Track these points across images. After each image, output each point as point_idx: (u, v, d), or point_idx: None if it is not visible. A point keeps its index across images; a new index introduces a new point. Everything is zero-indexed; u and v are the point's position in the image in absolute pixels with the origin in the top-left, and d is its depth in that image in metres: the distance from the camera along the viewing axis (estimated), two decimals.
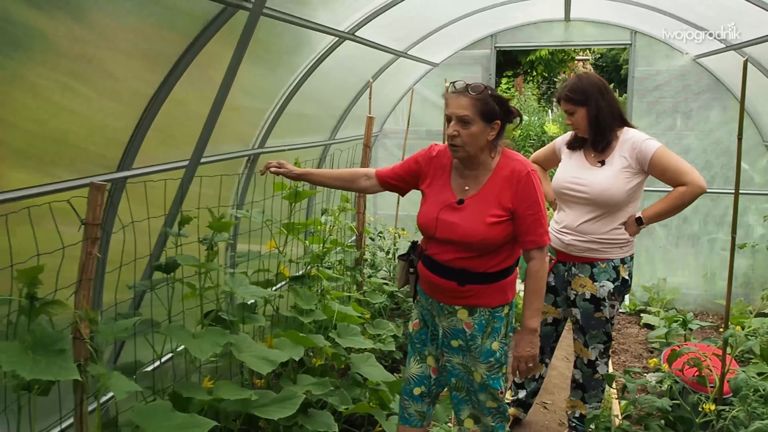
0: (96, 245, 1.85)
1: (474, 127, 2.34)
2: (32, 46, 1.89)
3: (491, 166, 2.44)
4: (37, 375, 1.56)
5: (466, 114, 2.32)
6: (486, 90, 2.35)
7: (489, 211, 2.41)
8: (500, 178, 2.42)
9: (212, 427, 2.03)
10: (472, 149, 2.39)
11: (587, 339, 3.19)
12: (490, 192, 2.43)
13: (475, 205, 2.43)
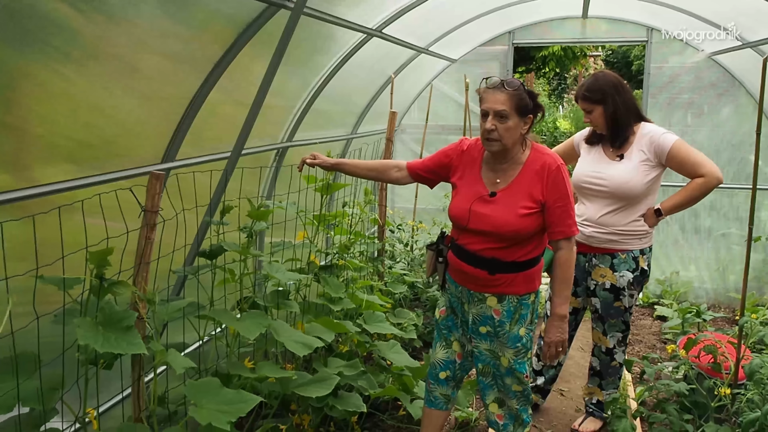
0: (154, 231, 1.98)
1: (510, 122, 2.44)
2: (84, 50, 2.02)
3: (522, 159, 2.55)
4: (108, 349, 1.69)
5: (504, 109, 2.42)
6: (521, 86, 2.45)
7: (521, 203, 2.52)
8: (531, 172, 2.53)
9: (254, 405, 2.17)
10: (508, 142, 2.49)
11: (606, 328, 3.30)
12: (521, 185, 2.54)
13: (507, 197, 2.54)
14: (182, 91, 2.61)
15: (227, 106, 3.01)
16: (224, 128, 3.09)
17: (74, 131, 2.15)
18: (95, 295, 1.83)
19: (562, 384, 4.20)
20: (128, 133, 2.46)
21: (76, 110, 2.12)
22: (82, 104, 2.13)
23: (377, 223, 4.55)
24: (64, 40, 1.89)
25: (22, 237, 1.84)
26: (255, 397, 2.16)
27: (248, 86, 2.97)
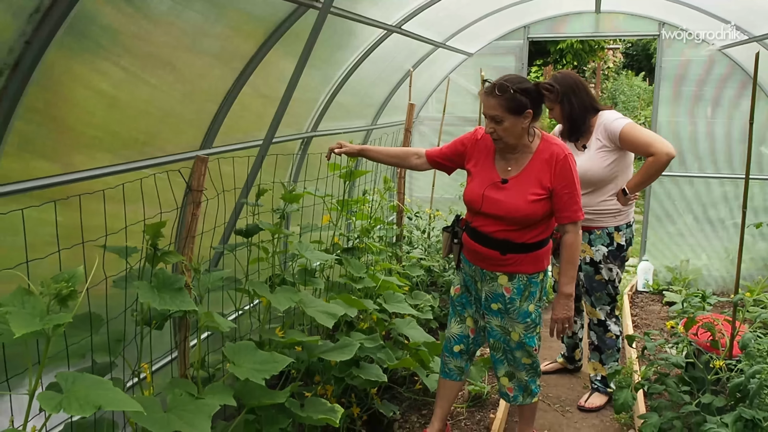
0: (199, 208, 2.24)
1: (506, 123, 2.66)
2: (126, 49, 2.25)
3: (532, 149, 2.76)
4: (163, 306, 1.95)
5: (496, 114, 2.65)
6: (510, 89, 2.62)
7: (530, 190, 2.73)
8: (540, 161, 2.74)
9: (285, 365, 2.42)
10: (510, 139, 2.72)
11: (593, 300, 3.66)
12: (531, 173, 2.75)
13: (517, 184, 2.76)
14: (218, 86, 2.86)
15: (257, 99, 3.25)
16: (253, 120, 3.34)
17: (119, 122, 2.39)
18: (149, 262, 2.08)
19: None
20: (169, 124, 2.71)
21: (121, 104, 2.35)
22: (126, 98, 2.36)
23: (396, 210, 4.78)
24: (110, 40, 2.10)
25: (67, 221, 2.08)
26: (286, 358, 2.41)
27: (276, 81, 3.22)
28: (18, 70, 1.73)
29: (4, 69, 1.71)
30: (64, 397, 1.42)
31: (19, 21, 1.66)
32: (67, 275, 1.47)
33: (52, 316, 1.41)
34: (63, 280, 1.44)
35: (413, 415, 3.66)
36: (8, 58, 1.70)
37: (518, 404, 3.11)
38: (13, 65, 1.72)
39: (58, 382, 1.48)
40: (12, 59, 1.71)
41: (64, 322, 1.39)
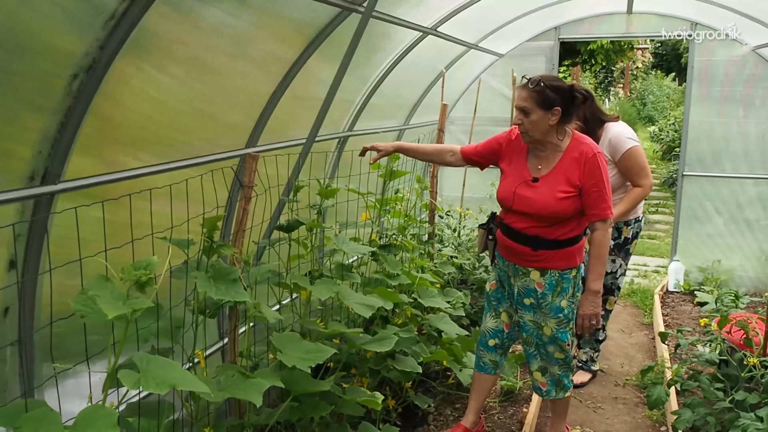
0: (249, 203, 2.35)
1: (533, 116, 2.74)
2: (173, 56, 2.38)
3: (562, 147, 2.83)
4: (219, 296, 2.07)
5: (526, 105, 2.74)
6: (541, 83, 2.72)
7: (559, 188, 2.80)
8: (570, 159, 2.81)
9: (329, 355, 2.52)
10: (536, 134, 2.80)
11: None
12: (560, 171, 2.82)
13: (547, 182, 2.83)
14: (262, 89, 2.98)
15: (297, 101, 3.36)
16: (294, 121, 3.45)
17: (168, 124, 2.52)
18: (206, 254, 2.20)
19: (602, 362, 4.46)
20: (215, 126, 2.84)
21: (170, 107, 2.47)
22: (176, 102, 2.49)
23: (428, 208, 4.86)
24: (162, 47, 2.22)
25: (113, 218, 2.20)
26: (329, 348, 2.52)
27: (314, 84, 3.34)
28: (92, 75, 1.86)
29: (79, 72, 1.84)
30: (141, 376, 1.54)
31: (96, 26, 1.79)
32: (144, 263, 1.59)
33: (134, 300, 1.53)
34: (141, 268, 1.55)
35: (447, 408, 3.74)
36: (84, 62, 1.83)
37: (551, 399, 3.17)
38: (87, 68, 1.85)
39: (135, 362, 1.60)
40: (87, 62, 1.84)
41: (143, 307, 1.51)
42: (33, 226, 2.04)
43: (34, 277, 2.09)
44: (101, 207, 2.03)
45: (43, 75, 1.80)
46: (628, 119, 18.21)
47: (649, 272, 6.88)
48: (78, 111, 1.92)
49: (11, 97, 1.76)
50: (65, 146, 1.96)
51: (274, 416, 2.55)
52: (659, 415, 3.69)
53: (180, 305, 2.31)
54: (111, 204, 2.08)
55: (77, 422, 1.42)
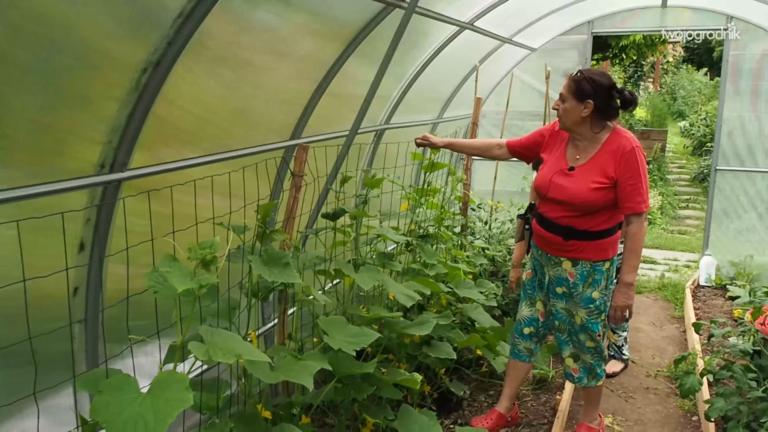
0: (300, 192, 2.46)
1: (567, 103, 2.85)
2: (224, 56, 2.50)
3: (600, 140, 2.90)
4: (274, 278, 2.18)
5: (563, 92, 2.87)
6: (579, 74, 2.84)
7: (593, 178, 2.86)
8: (607, 151, 2.87)
9: (373, 339, 2.63)
10: (567, 121, 2.90)
11: None
12: (597, 162, 2.89)
13: (583, 172, 2.90)
14: (305, 86, 3.10)
15: (337, 97, 3.47)
16: (334, 115, 3.57)
17: (220, 120, 2.65)
18: (259, 239, 2.32)
19: (634, 354, 4.52)
20: (262, 120, 2.97)
21: (221, 104, 2.60)
22: (223, 99, 2.61)
23: (461, 200, 4.95)
24: (213, 47, 2.33)
25: (161, 209, 2.32)
26: (374, 333, 2.62)
27: (353, 80, 3.45)
28: (159, 69, 1.98)
29: (148, 66, 1.97)
30: (209, 347, 1.66)
31: (165, 24, 1.91)
32: (207, 244, 1.71)
33: (201, 277, 1.65)
34: (206, 248, 1.67)
35: (480, 395, 3.83)
36: (152, 57, 1.96)
37: (583, 386, 3.25)
38: (155, 63, 1.97)
39: (201, 335, 1.73)
40: (156, 58, 1.96)
41: (210, 282, 1.63)
42: (101, 211, 2.18)
43: (101, 260, 2.23)
44: (147, 197, 2.15)
45: (117, 68, 1.93)
46: (658, 114, 18.03)
47: (680, 267, 6.88)
48: (144, 103, 2.04)
49: (88, 88, 1.89)
50: (132, 137, 2.09)
51: (319, 396, 2.67)
52: (691, 405, 3.75)
53: (233, 289, 2.43)
54: (159, 195, 2.20)
55: (153, 386, 1.54)
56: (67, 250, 2.06)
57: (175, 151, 2.44)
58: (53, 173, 1.92)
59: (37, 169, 1.88)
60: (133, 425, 1.45)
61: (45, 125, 1.84)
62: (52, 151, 1.92)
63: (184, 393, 1.51)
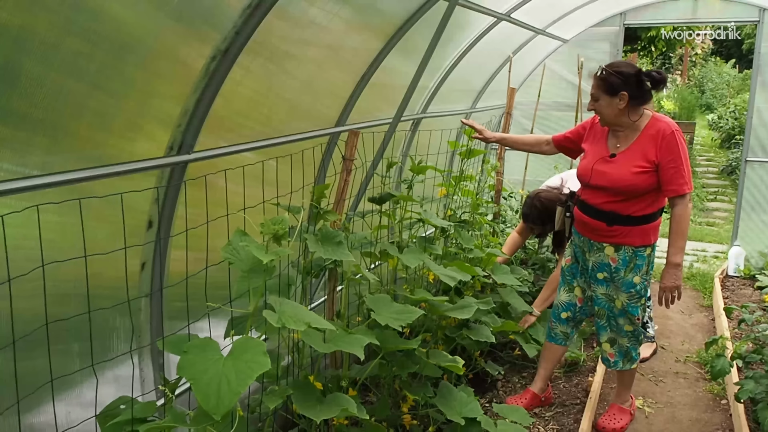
0: (350, 175, 2.59)
1: (601, 101, 2.95)
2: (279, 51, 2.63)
3: (640, 126, 2.98)
4: (328, 255, 2.32)
5: (594, 92, 2.97)
6: (604, 71, 2.92)
7: (635, 163, 2.95)
8: (647, 137, 2.96)
9: (417, 316, 2.75)
10: (608, 118, 2.98)
11: None
12: (637, 148, 2.97)
13: (624, 158, 2.99)
14: (348, 78, 3.24)
15: (375, 88, 3.58)
16: (377, 103, 3.69)
17: (269, 107, 2.79)
18: (314, 219, 2.46)
19: (663, 340, 4.60)
20: (310, 110, 3.11)
21: (272, 93, 2.74)
22: (277, 88, 2.75)
23: (494, 189, 5.05)
24: (272, 42, 2.46)
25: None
26: (417, 310, 2.74)
27: (391, 73, 3.56)
28: (227, 57, 2.12)
29: (217, 54, 2.11)
30: (280, 315, 1.80)
31: (235, 13, 2.05)
32: (278, 220, 1.84)
33: (276, 249, 1.79)
34: (278, 223, 1.81)
35: (514, 376, 3.95)
36: (222, 45, 2.09)
37: (618, 369, 3.34)
38: (224, 51, 2.11)
39: (271, 305, 1.87)
40: (225, 46, 2.10)
41: (285, 254, 1.77)
42: (168, 191, 2.33)
43: (167, 236, 2.39)
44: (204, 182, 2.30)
45: (192, 55, 2.07)
46: (686, 107, 17.88)
47: (708, 257, 6.92)
48: (212, 89, 2.19)
49: (164, 74, 2.03)
50: (199, 121, 2.24)
51: (366, 370, 2.80)
52: (720, 389, 3.83)
53: (286, 266, 2.57)
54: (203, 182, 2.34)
55: (234, 349, 1.68)
56: (136, 227, 2.22)
57: (233, 136, 2.58)
58: (131, 154, 2.07)
59: (125, 147, 2.03)
60: (217, 383, 1.59)
61: (128, 109, 1.99)
62: (133, 133, 2.07)
63: (262, 357, 1.65)
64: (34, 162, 1.80)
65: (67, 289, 2.01)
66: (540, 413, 3.55)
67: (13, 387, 1.71)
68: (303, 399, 2.28)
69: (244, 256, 1.86)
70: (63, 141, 1.88)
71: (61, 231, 1.99)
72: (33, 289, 1.73)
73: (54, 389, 1.79)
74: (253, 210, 2.39)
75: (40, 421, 2.01)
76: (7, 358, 1.69)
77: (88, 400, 2.19)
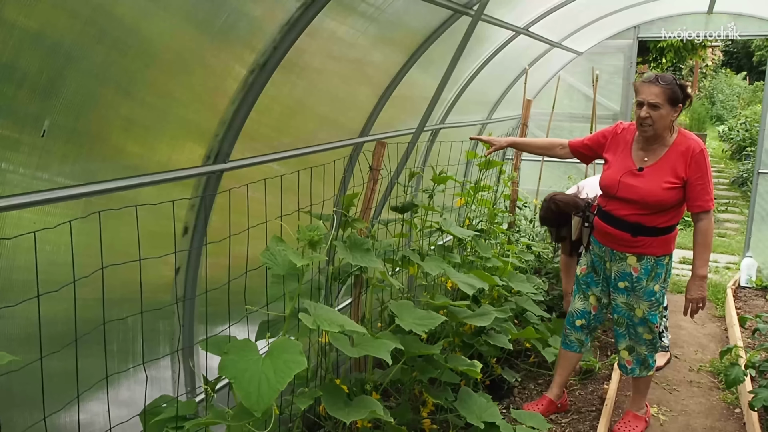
0: (377, 184, 2.68)
1: (662, 110, 2.93)
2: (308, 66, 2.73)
3: (669, 142, 3.03)
4: (357, 262, 2.40)
5: (657, 101, 2.91)
6: (674, 80, 2.94)
7: (665, 179, 3.00)
8: (677, 153, 3.01)
9: (439, 322, 2.83)
10: (659, 128, 2.98)
11: None
12: (667, 163, 3.02)
13: (653, 173, 3.03)
14: (374, 91, 3.34)
15: (397, 101, 3.67)
16: (395, 118, 3.77)
17: (298, 119, 2.89)
18: (342, 227, 2.55)
19: (676, 349, 4.65)
20: (336, 122, 3.21)
21: (300, 105, 2.83)
22: (306, 101, 2.84)
23: (509, 198, 5.13)
24: (304, 57, 2.55)
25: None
26: (440, 316, 2.82)
27: (412, 86, 3.65)
28: (264, 70, 2.22)
29: (255, 68, 2.20)
30: (315, 317, 1.89)
31: (274, 29, 2.15)
32: (313, 227, 1.93)
33: (310, 255, 1.88)
34: (313, 230, 1.90)
35: (530, 383, 4.01)
36: (260, 59, 2.19)
37: (634, 377, 3.40)
38: (262, 65, 2.21)
39: (306, 308, 1.95)
40: (263, 60, 2.20)
41: (320, 259, 1.85)
42: (203, 198, 2.42)
43: (200, 243, 2.48)
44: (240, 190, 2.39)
45: (234, 68, 2.17)
46: (697, 118, 17.90)
47: (720, 268, 6.95)
48: (249, 101, 2.28)
49: (206, 87, 2.13)
50: (235, 131, 2.33)
51: (388, 375, 2.88)
52: (733, 398, 3.87)
53: (315, 272, 2.66)
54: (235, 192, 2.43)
55: (272, 349, 1.77)
56: (171, 234, 2.31)
57: (263, 147, 2.68)
58: (172, 162, 2.17)
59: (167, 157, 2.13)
60: (257, 381, 1.68)
61: (170, 120, 2.08)
62: (178, 140, 2.17)
63: (299, 356, 1.74)
64: (79, 171, 1.89)
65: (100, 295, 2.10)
66: (556, 419, 3.61)
67: (58, 386, 1.80)
68: (332, 401, 2.35)
69: (281, 260, 1.94)
70: (107, 152, 1.97)
71: (99, 238, 2.07)
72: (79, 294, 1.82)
73: (94, 389, 1.88)
74: (285, 218, 2.49)
75: (80, 419, 2.10)
76: (55, 359, 1.78)
77: (123, 399, 2.29)
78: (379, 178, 2.70)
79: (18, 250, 1.76)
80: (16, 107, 1.60)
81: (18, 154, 1.70)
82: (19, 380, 1.76)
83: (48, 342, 1.71)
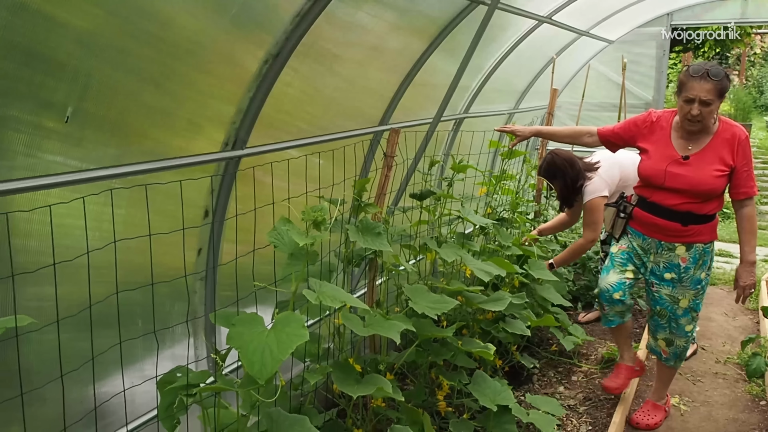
0: (391, 170, 2.75)
1: (713, 106, 2.87)
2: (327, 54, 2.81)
3: (713, 130, 3.00)
4: (368, 245, 2.48)
5: (710, 97, 2.84)
6: (724, 74, 2.88)
7: (714, 166, 2.98)
8: (722, 140, 2.98)
9: (452, 306, 2.89)
10: (708, 121, 2.95)
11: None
12: (713, 151, 2.99)
13: (699, 161, 3.00)
14: (392, 79, 3.39)
15: (418, 89, 3.73)
16: (415, 106, 3.84)
17: (316, 107, 2.98)
18: (355, 211, 2.63)
19: (704, 341, 4.61)
20: (355, 109, 3.28)
21: (317, 93, 2.92)
22: (324, 89, 2.92)
23: (534, 188, 5.14)
24: (319, 45, 2.61)
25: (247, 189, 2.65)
26: (453, 300, 2.88)
27: (433, 73, 3.71)
28: (278, 60, 2.31)
29: (269, 58, 2.30)
30: (319, 294, 1.98)
31: (286, 20, 2.24)
32: (317, 208, 2.02)
33: (314, 234, 1.97)
34: (317, 211, 1.98)
35: (550, 371, 4.04)
36: (274, 49, 2.29)
37: (660, 367, 3.41)
38: (276, 54, 2.30)
39: (311, 285, 2.04)
40: (276, 50, 2.29)
41: (322, 238, 1.94)
42: (223, 182, 2.53)
43: (221, 224, 2.59)
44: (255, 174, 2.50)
45: (248, 59, 2.27)
46: (742, 108, 17.39)
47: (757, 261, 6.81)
48: (264, 90, 2.38)
49: (222, 76, 2.24)
50: (251, 119, 2.43)
51: (402, 357, 2.95)
52: (759, 390, 3.83)
53: (329, 256, 2.75)
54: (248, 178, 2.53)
55: (276, 322, 1.86)
56: (194, 217, 2.43)
57: (280, 133, 2.78)
58: (190, 149, 2.28)
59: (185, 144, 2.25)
60: (261, 351, 1.77)
61: (189, 108, 2.20)
62: (192, 130, 2.28)
63: (301, 329, 1.82)
64: (107, 155, 2.02)
65: (127, 276, 2.23)
66: (574, 407, 3.64)
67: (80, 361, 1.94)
68: (342, 378, 2.45)
69: (287, 240, 2.03)
70: (131, 138, 2.10)
71: (126, 222, 2.21)
72: (101, 276, 1.96)
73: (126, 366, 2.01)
74: (299, 203, 2.58)
75: (107, 390, 2.24)
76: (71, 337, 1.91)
77: (148, 374, 2.43)
78: (393, 165, 2.77)
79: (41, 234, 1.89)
80: (44, 95, 1.73)
81: (49, 141, 1.84)
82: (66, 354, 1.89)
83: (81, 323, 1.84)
